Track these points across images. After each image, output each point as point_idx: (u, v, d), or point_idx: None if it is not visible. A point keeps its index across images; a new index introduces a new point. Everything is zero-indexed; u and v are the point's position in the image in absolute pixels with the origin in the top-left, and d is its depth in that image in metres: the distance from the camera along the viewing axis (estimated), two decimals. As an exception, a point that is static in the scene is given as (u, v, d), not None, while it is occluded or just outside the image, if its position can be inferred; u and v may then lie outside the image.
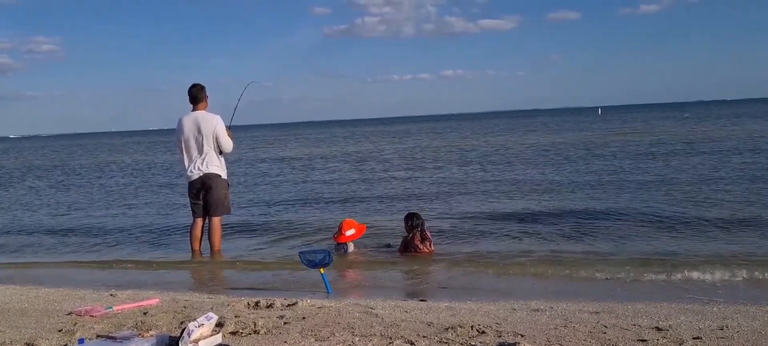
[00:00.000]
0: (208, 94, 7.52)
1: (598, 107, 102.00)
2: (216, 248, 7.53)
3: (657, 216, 8.65)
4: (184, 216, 9.91)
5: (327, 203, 11.93)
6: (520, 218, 9.11)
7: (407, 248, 6.98)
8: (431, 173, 16.94)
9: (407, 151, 27.52)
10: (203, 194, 7.40)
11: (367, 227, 7.53)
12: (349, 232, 7.22)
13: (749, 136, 23.72)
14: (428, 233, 7.09)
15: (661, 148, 20.71)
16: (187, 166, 7.39)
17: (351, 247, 7.20)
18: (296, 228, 9.25)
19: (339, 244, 7.23)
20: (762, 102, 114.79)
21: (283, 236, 8.75)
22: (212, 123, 7.32)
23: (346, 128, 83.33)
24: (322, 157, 25.93)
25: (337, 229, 7.37)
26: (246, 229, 9.32)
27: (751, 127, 30.74)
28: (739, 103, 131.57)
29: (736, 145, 20.09)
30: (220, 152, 7.43)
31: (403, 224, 7.25)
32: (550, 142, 27.97)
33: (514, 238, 7.80)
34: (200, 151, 7.30)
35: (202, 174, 7.34)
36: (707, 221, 8.18)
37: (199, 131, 7.26)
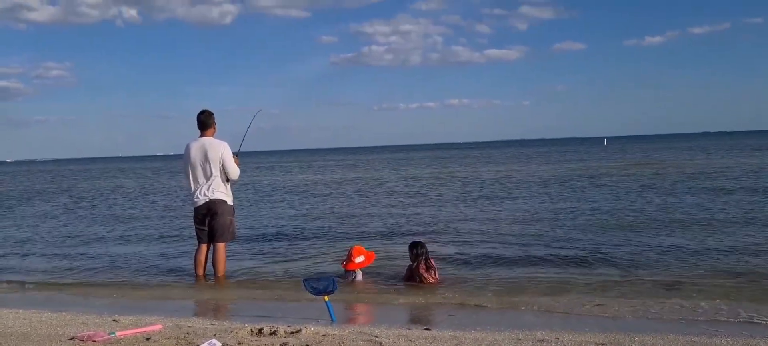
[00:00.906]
0: (216, 120, 7.57)
1: (603, 137, 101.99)
2: (220, 274, 7.52)
3: (664, 246, 8.60)
4: (189, 241, 9.91)
5: (331, 229, 11.91)
6: (526, 246, 9.07)
7: (412, 276, 6.95)
8: (435, 200, 16.92)
9: (412, 178, 27.52)
10: (209, 219, 7.42)
11: (376, 255, 7.49)
12: (359, 259, 7.18)
13: (751, 169, 23.64)
14: (433, 262, 7.06)
15: (666, 179, 20.66)
16: (193, 191, 7.42)
17: (359, 275, 7.16)
18: (300, 254, 9.23)
19: (348, 271, 7.19)
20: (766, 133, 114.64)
21: (288, 262, 8.72)
22: (219, 149, 7.35)
23: (353, 155, 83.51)
24: (327, 184, 25.95)
25: (346, 255, 7.33)
26: (250, 255, 9.30)
27: (748, 160, 30.66)
28: (744, 134, 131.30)
29: (738, 175, 20.04)
30: (228, 179, 7.46)
31: (407, 252, 7.20)
32: (555, 171, 27.94)
33: (520, 266, 7.76)
34: (207, 176, 7.33)
35: (208, 200, 7.36)
36: (714, 250, 8.13)
37: (206, 157, 7.30)
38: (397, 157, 63.13)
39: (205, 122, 7.48)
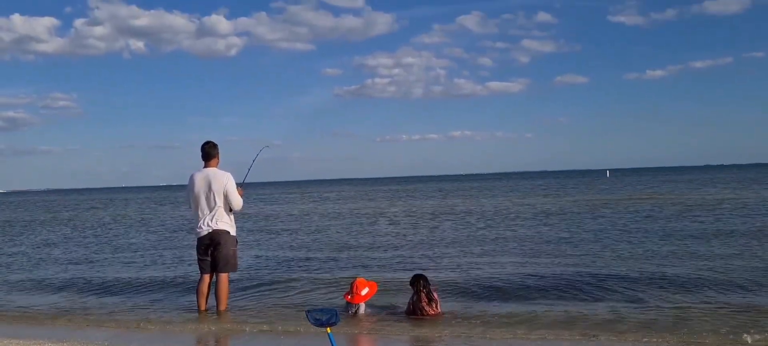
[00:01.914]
0: (219, 151, 7.63)
1: (606, 170, 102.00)
2: (222, 306, 7.51)
3: (672, 280, 8.57)
4: (191, 272, 9.90)
5: (334, 261, 11.89)
6: (526, 278, 9.05)
7: (414, 309, 6.92)
8: (436, 232, 16.90)
9: (414, 210, 27.50)
10: (211, 250, 7.43)
11: (377, 285, 7.47)
12: (364, 291, 7.15)
13: (751, 201, 23.60)
14: (436, 295, 7.04)
15: (665, 210, 20.63)
16: (197, 222, 7.44)
17: (363, 308, 7.13)
18: (303, 286, 9.21)
19: (352, 304, 7.17)
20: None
21: (290, 293, 8.71)
22: (223, 180, 7.40)
23: (355, 186, 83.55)
24: (329, 215, 25.93)
25: (349, 288, 7.32)
26: (252, 286, 9.29)
27: (745, 193, 30.59)
28: (747, 167, 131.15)
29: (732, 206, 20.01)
30: (231, 210, 7.49)
31: (410, 286, 7.15)
32: (557, 203, 27.91)
33: (520, 299, 7.73)
34: (210, 207, 7.36)
35: (211, 230, 7.38)
36: (719, 284, 8.10)
37: (210, 188, 7.34)
38: (399, 189, 63.14)
39: (209, 153, 7.54)
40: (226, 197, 7.40)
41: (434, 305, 6.90)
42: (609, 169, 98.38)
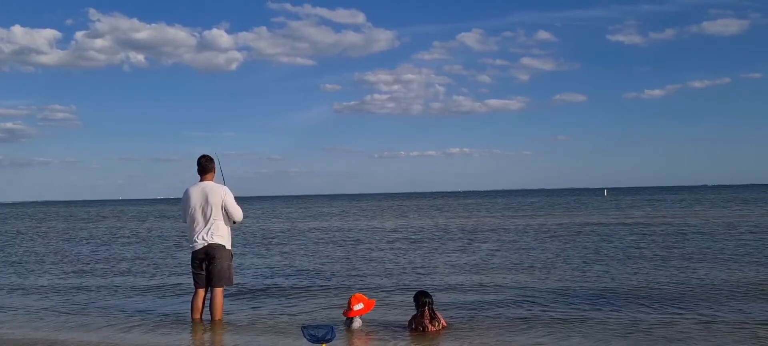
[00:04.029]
0: (216, 165, 7.61)
1: (604, 189, 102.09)
2: (218, 319, 7.44)
3: (667, 299, 8.52)
4: (186, 285, 9.82)
5: (331, 276, 11.82)
6: (525, 295, 8.99)
7: (416, 326, 6.85)
8: (434, 248, 16.83)
9: (412, 226, 27.44)
10: (206, 264, 7.38)
11: (375, 303, 7.44)
12: (358, 306, 7.13)
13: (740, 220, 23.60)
14: (439, 313, 6.99)
15: (662, 228, 20.61)
16: (192, 235, 7.40)
17: (358, 323, 7.09)
18: (299, 301, 9.14)
19: (347, 319, 7.13)
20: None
21: (286, 309, 8.63)
22: (221, 193, 7.37)
23: (354, 202, 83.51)
24: (326, 230, 25.87)
25: (346, 304, 7.28)
26: (248, 301, 9.21)
27: (738, 212, 30.60)
28: (743, 188, 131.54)
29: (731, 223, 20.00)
30: (234, 222, 7.48)
31: (412, 302, 7.14)
32: (554, 220, 27.87)
33: (519, 316, 7.66)
34: (206, 221, 7.32)
35: (206, 244, 7.33)
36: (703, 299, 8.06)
37: (207, 201, 7.31)
38: (397, 205, 63.09)
39: (205, 166, 7.52)
40: (225, 210, 7.38)
41: (436, 323, 6.84)
42: (607, 189, 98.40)
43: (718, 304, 8.17)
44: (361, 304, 7.17)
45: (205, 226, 7.33)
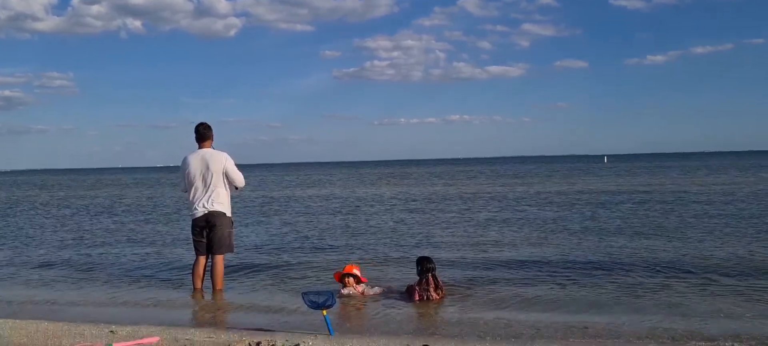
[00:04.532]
0: (214, 133, 7.59)
1: (603, 155, 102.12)
2: (218, 287, 7.49)
3: (664, 264, 8.58)
4: (187, 253, 9.87)
5: (330, 244, 11.89)
6: (525, 263, 9.05)
7: (419, 294, 6.80)
8: (434, 216, 16.90)
9: (411, 194, 27.50)
10: (207, 231, 7.40)
11: (367, 280, 7.41)
12: (351, 276, 7.17)
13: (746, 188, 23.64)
14: (440, 279, 6.94)
15: (664, 196, 20.66)
16: (192, 203, 7.41)
17: (351, 290, 7.13)
18: (299, 268, 9.20)
19: (342, 284, 7.21)
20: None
21: (286, 276, 8.69)
22: (222, 160, 7.38)
23: (353, 169, 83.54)
24: (326, 198, 25.93)
25: (341, 271, 7.36)
26: (248, 268, 9.27)
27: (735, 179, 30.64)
28: (746, 155, 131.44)
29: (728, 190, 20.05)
30: (235, 188, 7.49)
31: (416, 267, 7.08)
32: (554, 188, 27.94)
33: (519, 282, 7.72)
34: (207, 188, 7.33)
35: (207, 211, 7.35)
36: (709, 266, 8.11)
37: (208, 168, 7.31)
38: (397, 172, 63.16)
39: (204, 134, 7.49)
40: (226, 176, 7.39)
41: (438, 289, 6.83)
42: (606, 155, 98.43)
43: (715, 268, 8.24)
44: (355, 273, 7.20)
45: (206, 193, 7.33)
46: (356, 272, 7.26)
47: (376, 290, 7.22)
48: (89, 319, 6.16)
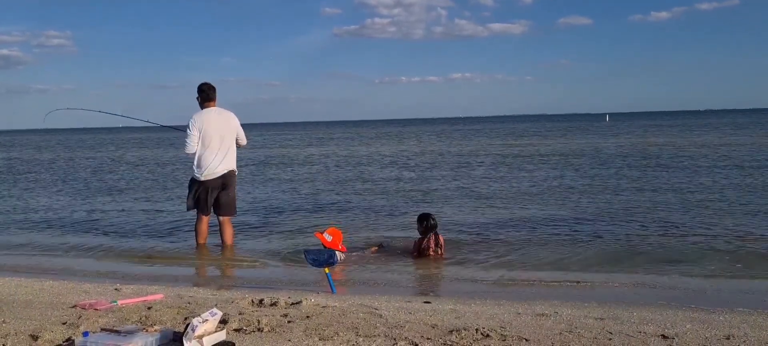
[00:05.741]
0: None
1: (605, 114, 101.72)
2: (229, 243, 7.55)
3: (664, 222, 8.62)
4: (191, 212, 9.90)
5: (332, 202, 11.93)
6: (527, 222, 9.09)
7: (419, 249, 6.82)
8: (435, 175, 16.92)
9: (412, 152, 27.49)
10: (219, 191, 7.37)
11: (346, 249, 6.94)
12: (329, 238, 6.65)
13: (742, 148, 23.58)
14: (441, 237, 6.92)
15: (664, 157, 20.65)
16: (207, 163, 7.26)
17: (342, 255, 6.68)
18: (300, 227, 9.25)
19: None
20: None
21: (288, 234, 8.74)
22: (236, 119, 7.42)
23: (354, 128, 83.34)
24: (327, 157, 25.94)
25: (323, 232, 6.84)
26: (251, 227, 9.32)
27: (737, 139, 30.55)
28: (751, 112, 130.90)
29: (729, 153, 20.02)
30: (238, 146, 7.52)
31: (417, 225, 7.05)
32: (556, 147, 27.91)
33: (521, 241, 7.76)
34: (226, 147, 7.28)
35: (226, 171, 7.33)
36: (711, 226, 8.15)
37: (228, 127, 7.29)
38: (397, 131, 63.02)
39: (209, 94, 7.39)
40: (237, 136, 7.44)
41: (439, 247, 6.85)
42: (608, 114, 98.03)
43: (713, 226, 8.27)
44: (331, 236, 6.69)
45: (224, 153, 7.28)
46: (327, 235, 6.71)
47: (374, 247, 7.23)
48: (93, 277, 6.23)
